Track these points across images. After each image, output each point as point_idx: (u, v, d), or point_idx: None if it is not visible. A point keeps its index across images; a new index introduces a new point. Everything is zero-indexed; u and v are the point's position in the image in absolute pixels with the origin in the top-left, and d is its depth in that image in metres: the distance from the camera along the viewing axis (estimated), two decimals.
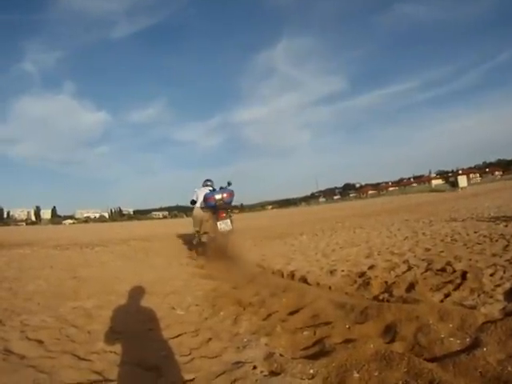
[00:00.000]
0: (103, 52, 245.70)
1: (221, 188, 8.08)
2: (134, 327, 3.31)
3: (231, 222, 7.66)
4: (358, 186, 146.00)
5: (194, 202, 8.68)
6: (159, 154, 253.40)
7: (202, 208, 8.31)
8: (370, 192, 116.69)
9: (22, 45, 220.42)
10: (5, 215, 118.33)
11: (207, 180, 8.96)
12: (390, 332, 2.61)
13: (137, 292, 4.52)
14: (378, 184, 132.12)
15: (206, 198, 7.99)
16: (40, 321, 3.47)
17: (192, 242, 9.22)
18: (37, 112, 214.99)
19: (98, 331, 3.23)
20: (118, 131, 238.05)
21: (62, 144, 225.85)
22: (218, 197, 7.75)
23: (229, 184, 8.02)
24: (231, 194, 7.87)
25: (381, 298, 3.61)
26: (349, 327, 2.77)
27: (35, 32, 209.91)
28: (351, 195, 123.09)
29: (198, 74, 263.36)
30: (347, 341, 2.55)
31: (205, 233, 8.36)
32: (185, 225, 19.38)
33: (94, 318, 3.63)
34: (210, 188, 8.50)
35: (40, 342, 2.92)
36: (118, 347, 2.85)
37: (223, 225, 7.55)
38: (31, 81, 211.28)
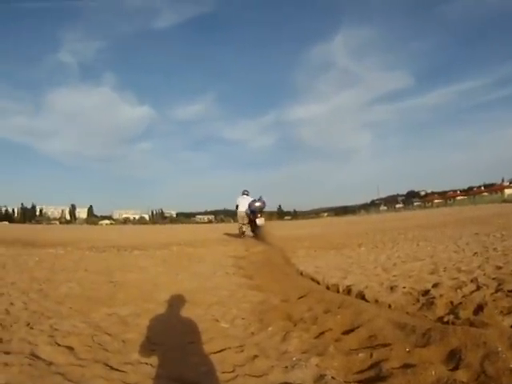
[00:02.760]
0: (146, 42, 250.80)
1: (258, 199, 15.21)
2: (173, 339, 3.39)
3: (264, 220, 15.21)
4: (422, 193, 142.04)
5: (237, 207, 16.13)
6: (206, 154, 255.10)
7: (244, 211, 15.70)
8: (436, 201, 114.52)
9: (59, 34, 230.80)
10: (37, 213, 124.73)
11: (245, 190, 16.34)
12: (453, 358, 2.49)
13: (177, 301, 4.63)
14: (445, 192, 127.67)
15: (250, 205, 15.17)
16: (71, 326, 3.64)
17: (237, 233, 16.76)
18: (74, 105, 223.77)
19: (133, 341, 3.35)
20: (161, 127, 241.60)
21: (101, 139, 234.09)
22: (257, 204, 15.04)
23: (260, 197, 15.27)
24: (264, 203, 15.22)
25: (445, 319, 3.48)
26: (409, 351, 2.69)
27: (73, 20, 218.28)
28: (415, 204, 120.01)
29: (249, 67, 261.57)
30: (406, 366, 2.48)
31: (245, 225, 16.03)
32: (233, 230, 19.65)
33: (129, 327, 3.77)
34: (251, 198, 15.60)
35: (70, 348, 3.07)
36: (154, 359, 2.93)
37: (259, 221, 14.92)
38: (69, 72, 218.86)
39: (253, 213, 15.15)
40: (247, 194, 16.09)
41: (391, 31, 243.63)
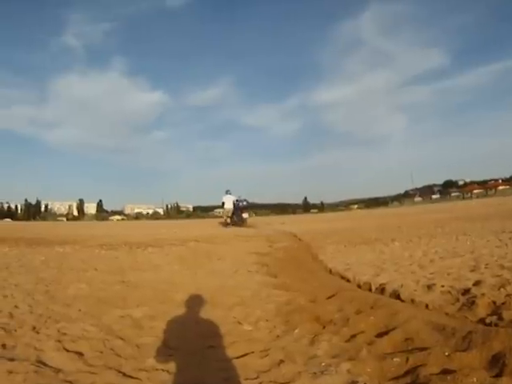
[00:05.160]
0: (158, 23, 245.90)
1: (243, 199, 24.02)
2: (192, 343, 3.44)
3: (248, 214, 25.43)
4: (461, 183, 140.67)
5: (223, 204, 23.50)
6: (225, 142, 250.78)
7: (230, 207, 23.37)
8: (476, 191, 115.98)
9: (63, 15, 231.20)
10: (42, 209, 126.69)
11: (227, 190, 23.83)
12: (497, 364, 2.47)
13: (196, 302, 4.68)
14: (486, 181, 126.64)
15: (236, 204, 23.37)
16: (80, 330, 3.70)
17: (223, 223, 24.27)
18: (81, 92, 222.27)
19: (148, 345, 3.39)
20: (176, 114, 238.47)
21: (111, 129, 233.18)
22: (243, 204, 23.85)
23: (240, 197, 24.11)
24: (248, 202, 24.98)
25: (487, 321, 3.49)
26: (448, 355, 2.67)
27: (78, 0, 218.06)
28: (453, 194, 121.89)
29: (270, 47, 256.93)
30: (445, 371, 2.47)
31: (230, 218, 23.53)
32: (256, 224, 19.81)
33: (144, 330, 3.83)
34: (233, 196, 23.52)
35: (79, 354, 3.13)
36: (171, 365, 2.96)
37: (245, 215, 23.99)
38: (75, 57, 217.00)
39: (240, 209, 23.61)
40: (230, 193, 23.82)
41: (425, 5, 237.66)
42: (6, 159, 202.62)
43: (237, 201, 23.64)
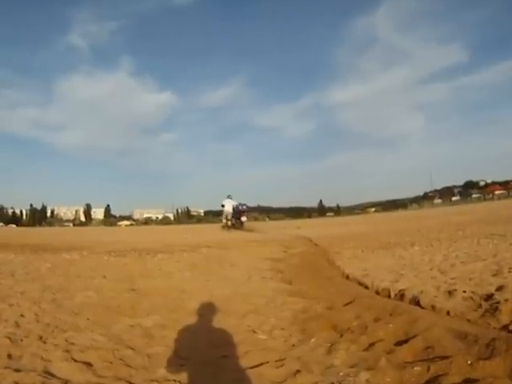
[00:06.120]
0: (166, 21, 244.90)
1: (243, 204, 27.73)
2: (204, 353, 3.44)
3: (246, 218, 28.83)
4: (482, 184, 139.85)
5: (223, 206, 27.09)
6: (237, 144, 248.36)
7: (229, 210, 26.85)
8: (498, 192, 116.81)
9: (69, 14, 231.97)
10: (48, 214, 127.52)
11: (229, 195, 27.81)
12: None
13: (208, 310, 4.69)
14: (508, 182, 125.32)
15: (235, 208, 26.77)
16: (89, 339, 3.73)
17: (223, 225, 27.55)
18: (87, 93, 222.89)
19: (159, 355, 3.40)
20: (186, 116, 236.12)
21: (118, 131, 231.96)
22: (241, 207, 27.33)
23: (240, 203, 27.54)
24: (247, 206, 29.88)
25: (511, 327, 3.45)
26: (471, 363, 2.66)
27: None
28: (474, 196, 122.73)
29: (283, 45, 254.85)
30: (468, 381, 2.47)
31: (229, 220, 26.90)
32: (266, 229, 19.70)
33: (154, 339, 3.84)
34: (233, 201, 27.03)
35: (88, 364, 3.14)
36: (183, 376, 2.97)
37: (244, 219, 27.64)
38: (80, 57, 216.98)
39: (239, 213, 26.65)
40: (231, 198, 26.99)
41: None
42: (10, 163, 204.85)
43: (238, 205, 26.93)
